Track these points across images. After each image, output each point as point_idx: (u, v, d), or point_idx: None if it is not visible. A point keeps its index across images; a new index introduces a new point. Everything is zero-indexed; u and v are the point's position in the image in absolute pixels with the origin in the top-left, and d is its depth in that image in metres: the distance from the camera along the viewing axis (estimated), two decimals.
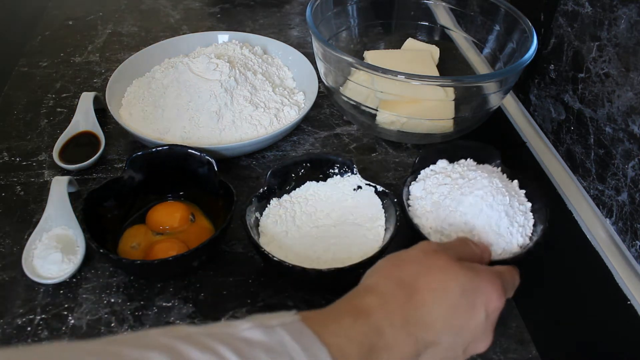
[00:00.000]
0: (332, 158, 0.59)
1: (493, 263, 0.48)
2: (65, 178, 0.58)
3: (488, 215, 0.52)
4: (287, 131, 0.67)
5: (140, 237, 0.55)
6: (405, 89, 0.62)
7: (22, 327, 0.49)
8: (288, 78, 0.76)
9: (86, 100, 0.70)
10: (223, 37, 0.80)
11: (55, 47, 0.86)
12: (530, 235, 0.53)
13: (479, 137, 0.68)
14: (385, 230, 0.54)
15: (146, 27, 0.92)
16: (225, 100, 0.66)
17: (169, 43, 0.79)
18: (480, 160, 0.59)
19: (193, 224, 0.57)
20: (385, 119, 0.67)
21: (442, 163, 0.58)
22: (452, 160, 0.59)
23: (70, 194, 0.58)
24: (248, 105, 0.67)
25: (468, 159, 0.59)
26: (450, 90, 0.66)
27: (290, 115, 0.69)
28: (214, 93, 0.65)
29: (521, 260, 0.50)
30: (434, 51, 0.79)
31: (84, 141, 0.67)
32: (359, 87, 0.66)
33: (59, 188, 0.57)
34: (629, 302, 0.53)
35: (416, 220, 0.53)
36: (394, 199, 0.54)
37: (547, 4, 0.68)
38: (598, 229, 0.60)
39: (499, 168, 0.58)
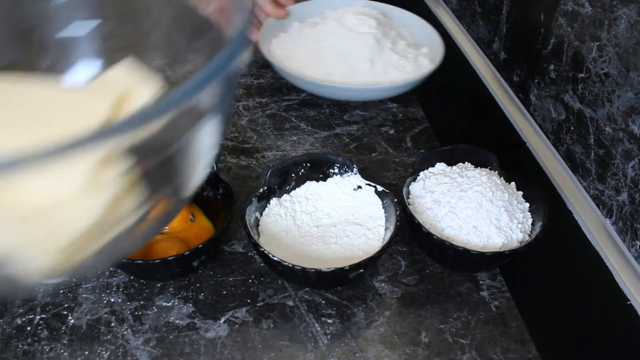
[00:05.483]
0: (332, 158, 0.59)
1: (492, 256, 0.48)
2: None
3: (488, 209, 0.52)
4: (428, 74, 0.73)
5: None
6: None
7: (22, 327, 0.49)
8: (409, 36, 0.84)
9: None
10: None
11: None
12: (529, 232, 0.53)
13: (479, 138, 0.68)
14: (386, 229, 0.54)
15: None
16: (377, 49, 0.75)
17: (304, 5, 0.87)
18: (477, 164, 0.59)
19: (193, 224, 0.57)
20: None
21: (440, 166, 0.59)
22: (449, 164, 0.59)
23: None
24: (394, 54, 0.76)
25: (466, 162, 0.59)
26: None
27: (426, 64, 0.76)
28: (367, 44, 0.75)
29: (521, 255, 0.50)
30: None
31: None
32: None
33: None
34: (629, 302, 0.53)
35: (417, 217, 0.54)
36: (394, 198, 0.54)
37: (547, 4, 0.68)
38: (598, 229, 0.60)
39: (496, 172, 0.58)
